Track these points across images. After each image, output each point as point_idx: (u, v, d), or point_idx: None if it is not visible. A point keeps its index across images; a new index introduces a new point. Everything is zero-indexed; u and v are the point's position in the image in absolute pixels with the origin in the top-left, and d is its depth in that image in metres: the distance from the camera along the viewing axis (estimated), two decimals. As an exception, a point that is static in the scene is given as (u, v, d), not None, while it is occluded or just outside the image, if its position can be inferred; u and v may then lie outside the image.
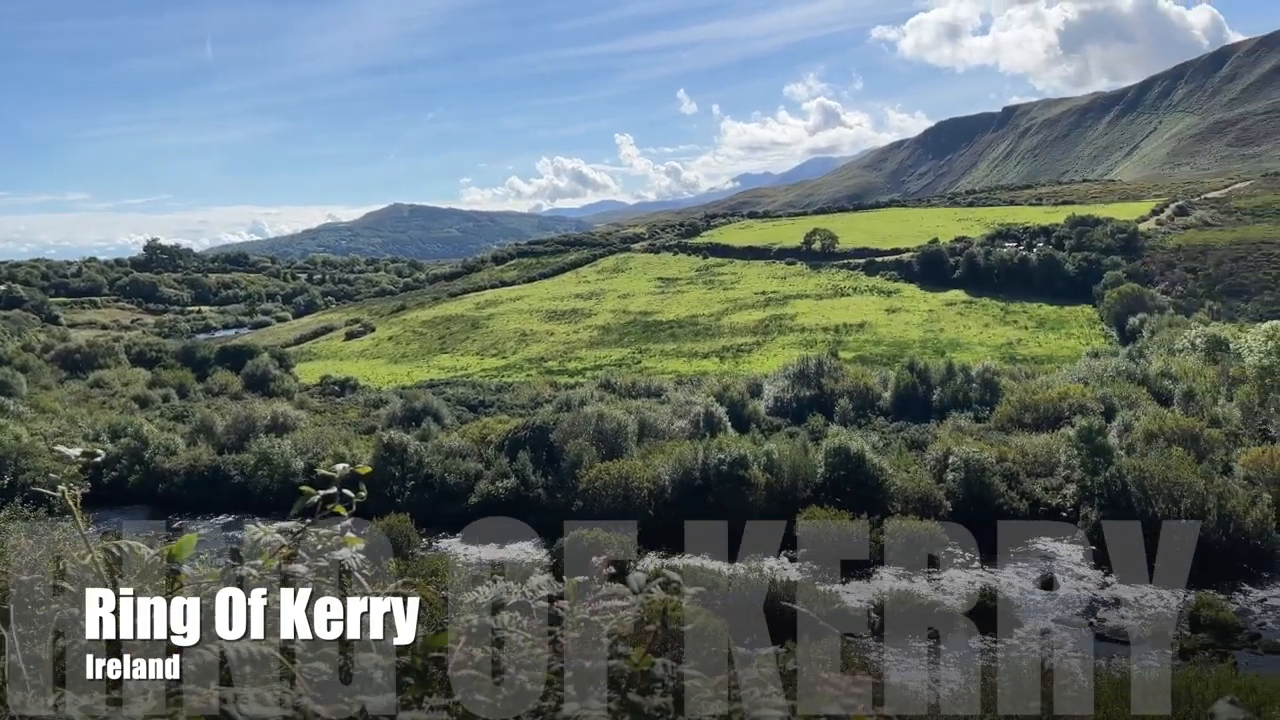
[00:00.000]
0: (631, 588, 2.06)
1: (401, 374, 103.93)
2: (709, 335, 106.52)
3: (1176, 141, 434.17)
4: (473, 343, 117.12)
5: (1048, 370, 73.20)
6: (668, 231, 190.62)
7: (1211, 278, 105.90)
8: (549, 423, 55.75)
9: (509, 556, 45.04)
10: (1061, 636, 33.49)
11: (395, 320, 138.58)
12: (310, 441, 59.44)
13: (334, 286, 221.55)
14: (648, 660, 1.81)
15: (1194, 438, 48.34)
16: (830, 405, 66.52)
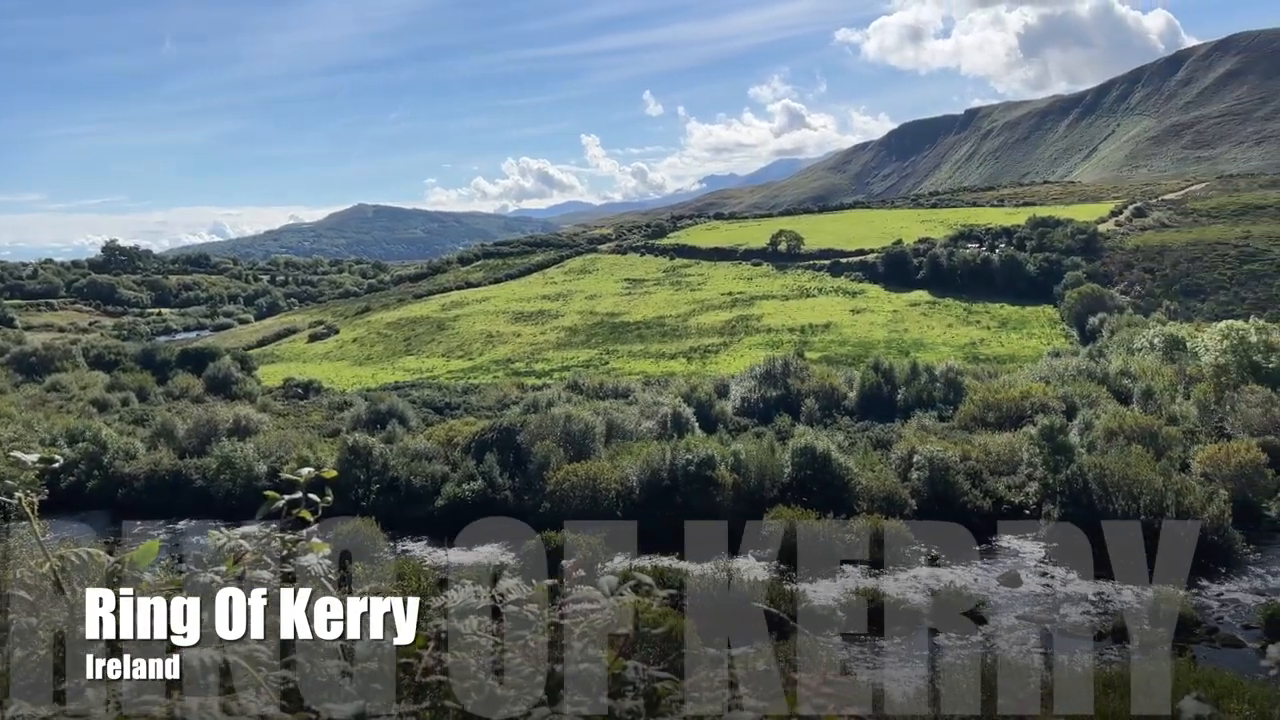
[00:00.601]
0: (603, 590, 2.05)
1: (366, 376, 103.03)
2: (676, 336, 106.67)
3: (1134, 144, 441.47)
4: (438, 344, 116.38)
5: (1010, 369, 74.13)
6: (635, 232, 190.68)
7: (1169, 278, 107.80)
8: (516, 424, 55.53)
9: (476, 560, 44.79)
10: (1025, 633, 33.91)
11: (360, 322, 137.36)
12: (274, 445, 58.73)
13: (297, 288, 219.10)
14: (619, 663, 1.80)
15: (1153, 435, 49.19)
16: (797, 405, 66.89)
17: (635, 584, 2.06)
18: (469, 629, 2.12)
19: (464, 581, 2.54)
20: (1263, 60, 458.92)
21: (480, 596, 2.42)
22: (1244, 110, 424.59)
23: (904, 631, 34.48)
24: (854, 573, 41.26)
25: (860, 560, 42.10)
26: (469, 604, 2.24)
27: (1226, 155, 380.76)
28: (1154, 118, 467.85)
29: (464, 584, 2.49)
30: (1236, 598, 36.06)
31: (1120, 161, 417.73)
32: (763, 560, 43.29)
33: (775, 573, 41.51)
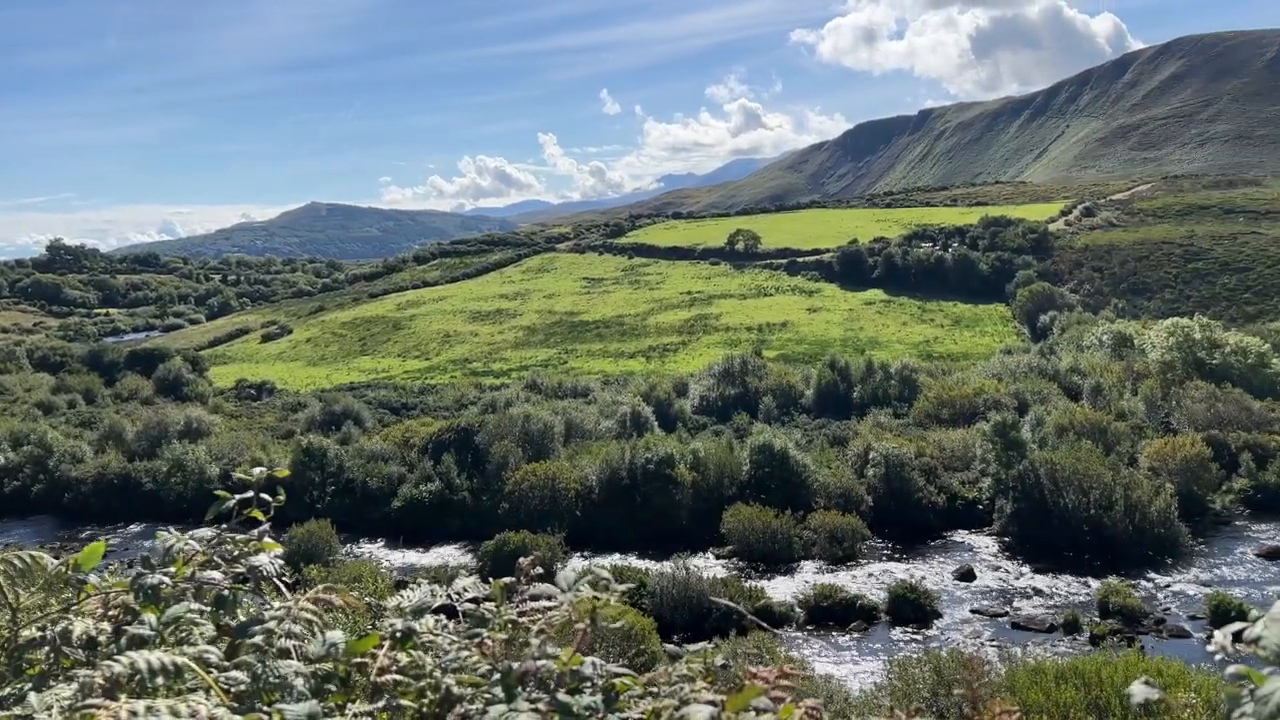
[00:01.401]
0: (560, 586, 2.04)
1: (320, 377, 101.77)
2: (635, 335, 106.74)
3: (1083, 145, 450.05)
4: (394, 344, 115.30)
5: (963, 367, 75.19)
6: (593, 231, 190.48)
7: (1117, 276, 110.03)
8: (474, 424, 55.20)
9: (435, 560, 44.45)
10: (979, 626, 34.41)
11: (314, 322, 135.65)
12: (226, 447, 57.81)
13: (249, 288, 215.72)
14: (576, 659, 1.79)
15: (1102, 431, 50.18)
16: (755, 403, 67.29)
17: (593, 579, 2.04)
18: (425, 628, 2.10)
19: (421, 580, 2.52)
20: (1206, 64, 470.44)
21: (437, 595, 2.40)
22: (1188, 112, 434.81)
23: (861, 626, 34.83)
24: (812, 568, 41.61)
25: (818, 556, 42.50)
26: (425, 602, 2.22)
27: (1171, 156, 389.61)
28: (1102, 119, 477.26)
29: (421, 583, 2.47)
30: (1183, 589, 36.89)
31: (1070, 162, 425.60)
32: (722, 557, 43.51)
33: (735, 569, 41.74)
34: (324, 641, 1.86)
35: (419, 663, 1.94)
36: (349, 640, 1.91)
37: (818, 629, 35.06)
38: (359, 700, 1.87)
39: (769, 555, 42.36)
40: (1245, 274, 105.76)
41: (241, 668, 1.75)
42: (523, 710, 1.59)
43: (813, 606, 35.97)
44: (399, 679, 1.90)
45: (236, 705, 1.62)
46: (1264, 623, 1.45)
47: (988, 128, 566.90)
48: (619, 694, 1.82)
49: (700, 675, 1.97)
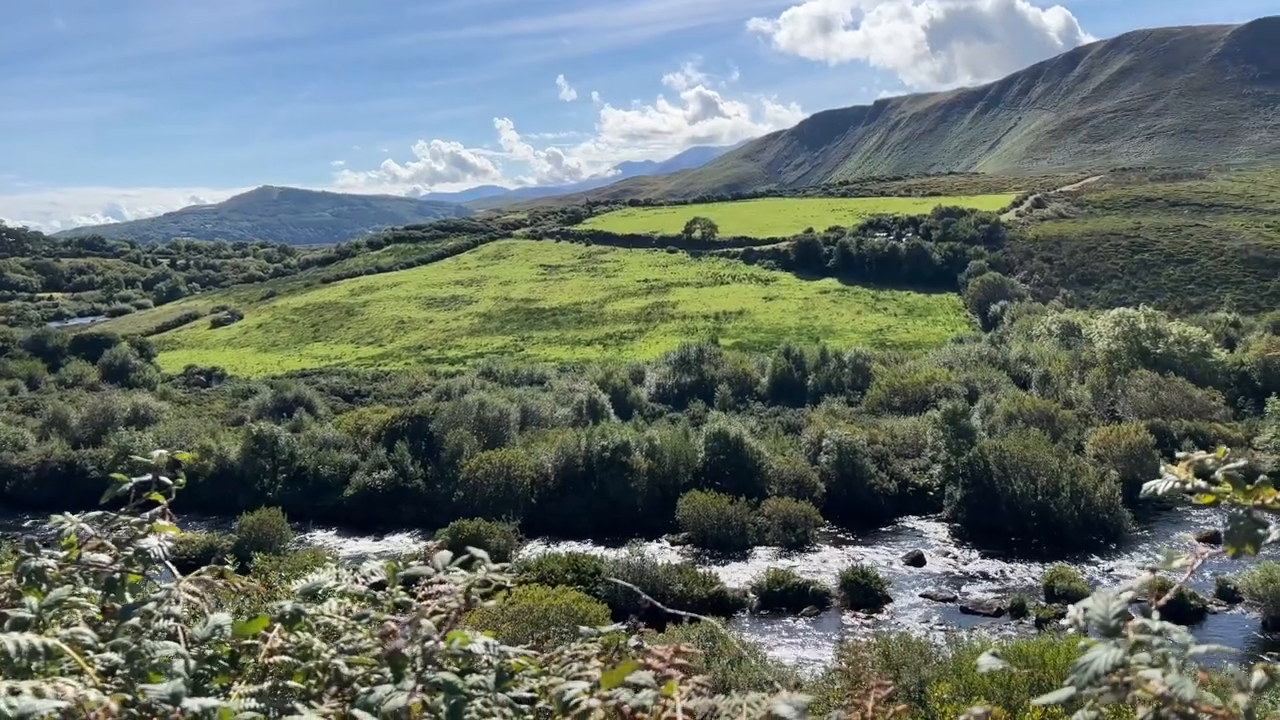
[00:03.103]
0: (435, 566, 2.02)
1: (272, 363, 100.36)
2: (592, 323, 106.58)
3: (1034, 137, 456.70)
4: (348, 330, 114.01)
5: (916, 355, 76.11)
6: (550, 218, 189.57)
7: (1065, 267, 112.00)
8: (428, 412, 54.82)
9: (387, 549, 44.13)
10: (928, 611, 34.97)
11: (265, 307, 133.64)
12: (174, 434, 56.83)
13: (199, 272, 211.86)
14: (464, 638, 1.79)
15: (1049, 419, 51.15)
16: (711, 391, 67.60)
17: (468, 559, 2.04)
18: (317, 610, 2.07)
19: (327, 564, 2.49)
20: (1154, 59, 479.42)
21: (343, 579, 2.37)
22: (1136, 106, 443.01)
23: (813, 611, 35.23)
24: (766, 554, 41.99)
25: (772, 542, 42.89)
26: (317, 584, 2.20)
27: (1120, 149, 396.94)
28: (1053, 112, 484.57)
29: (328, 566, 2.44)
30: (1126, 573, 37.79)
31: (1021, 154, 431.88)
32: (677, 544, 43.73)
33: (690, 555, 41.98)
34: (210, 623, 1.83)
35: (308, 644, 1.93)
36: (237, 622, 1.88)
37: (771, 614, 35.40)
38: (247, 681, 1.85)
39: (724, 542, 42.66)
40: (1189, 265, 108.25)
41: (118, 650, 1.72)
42: (407, 689, 1.58)
43: (766, 592, 36.31)
44: (288, 660, 1.88)
45: (111, 687, 1.59)
46: (1093, 596, 1.50)
47: (942, 119, 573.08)
48: (514, 673, 1.82)
49: (598, 655, 1.98)
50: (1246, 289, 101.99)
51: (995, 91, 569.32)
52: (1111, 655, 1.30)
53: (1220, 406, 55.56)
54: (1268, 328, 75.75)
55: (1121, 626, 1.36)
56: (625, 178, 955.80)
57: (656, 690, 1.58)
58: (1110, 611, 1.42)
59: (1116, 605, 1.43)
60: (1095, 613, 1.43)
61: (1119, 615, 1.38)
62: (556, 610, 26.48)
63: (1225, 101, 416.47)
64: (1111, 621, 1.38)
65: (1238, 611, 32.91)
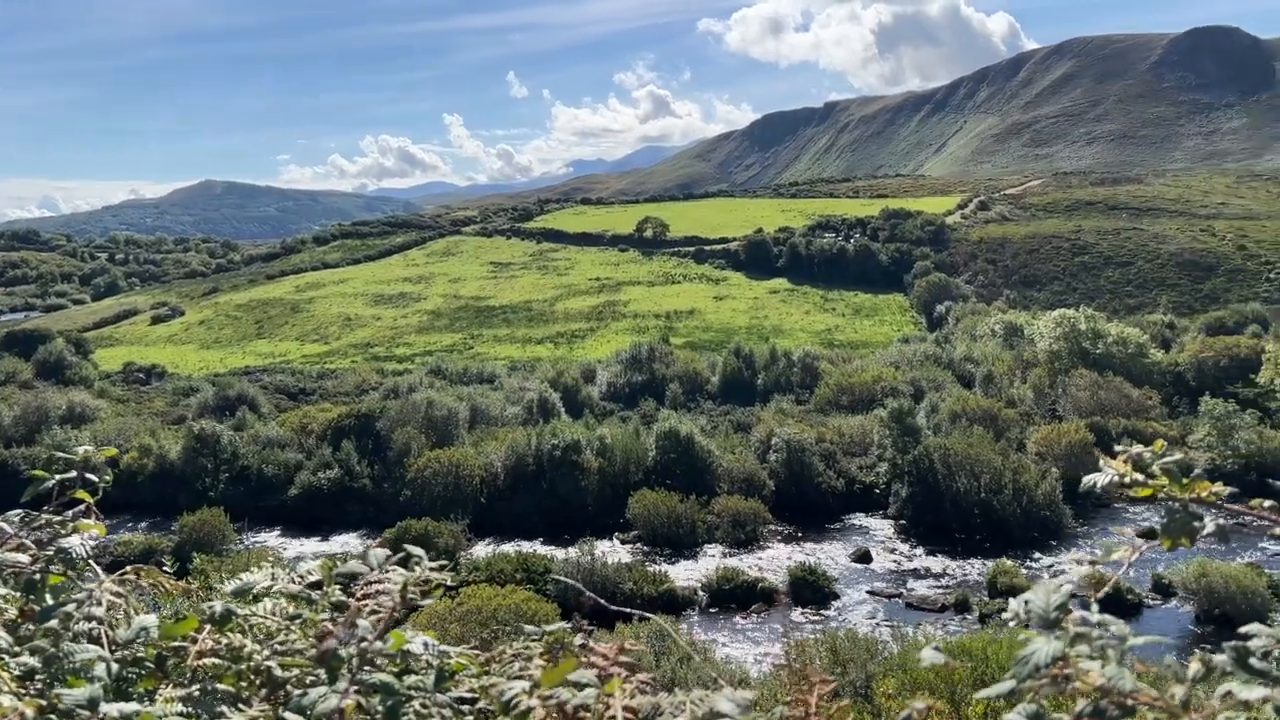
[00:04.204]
0: (370, 564, 1.97)
1: (214, 360, 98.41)
2: (543, 321, 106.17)
3: (979, 140, 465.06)
4: (293, 328, 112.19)
5: (863, 355, 77.00)
6: (500, 215, 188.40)
7: (1009, 269, 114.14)
8: (375, 410, 54.18)
9: (332, 549, 43.52)
10: (875, 607, 35.41)
11: (207, 303, 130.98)
12: (112, 433, 55.46)
13: (139, 267, 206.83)
14: (401, 639, 1.74)
15: (993, 418, 52.07)
16: (661, 390, 67.74)
17: (405, 558, 1.99)
18: (249, 610, 2.01)
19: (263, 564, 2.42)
20: (1094, 65, 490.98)
21: (277, 579, 2.30)
22: (1077, 111, 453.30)
23: (762, 608, 35.47)
24: (715, 552, 42.19)
25: (721, 540, 43.10)
26: (250, 584, 2.13)
27: (1061, 154, 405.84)
28: (998, 116, 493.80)
29: (264, 565, 2.38)
30: (1066, 569, 38.51)
31: (967, 157, 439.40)
32: (628, 542, 43.75)
33: (640, 554, 42.01)
34: (135, 625, 1.76)
35: (240, 646, 1.86)
36: (164, 623, 1.81)
37: (721, 611, 35.57)
38: (174, 684, 1.78)
39: (674, 540, 42.76)
40: (1127, 268, 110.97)
41: (35, 653, 1.64)
42: (341, 690, 1.54)
43: (715, 589, 36.48)
44: (218, 662, 1.82)
45: (27, 692, 1.52)
46: (1034, 589, 1.51)
47: (890, 121, 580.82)
48: (454, 673, 1.78)
49: (540, 653, 1.95)
50: (1181, 291, 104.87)
51: (942, 95, 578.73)
52: (1052, 648, 1.30)
53: (1156, 405, 57.01)
54: (1201, 329, 78.00)
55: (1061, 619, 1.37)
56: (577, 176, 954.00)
57: (598, 688, 1.55)
58: (1051, 604, 1.43)
59: (1057, 598, 1.44)
60: (1036, 606, 1.44)
61: (1059, 608, 1.39)
62: (505, 610, 26.32)
63: (1162, 108, 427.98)
64: (1052, 614, 1.38)
65: (1172, 605, 33.82)
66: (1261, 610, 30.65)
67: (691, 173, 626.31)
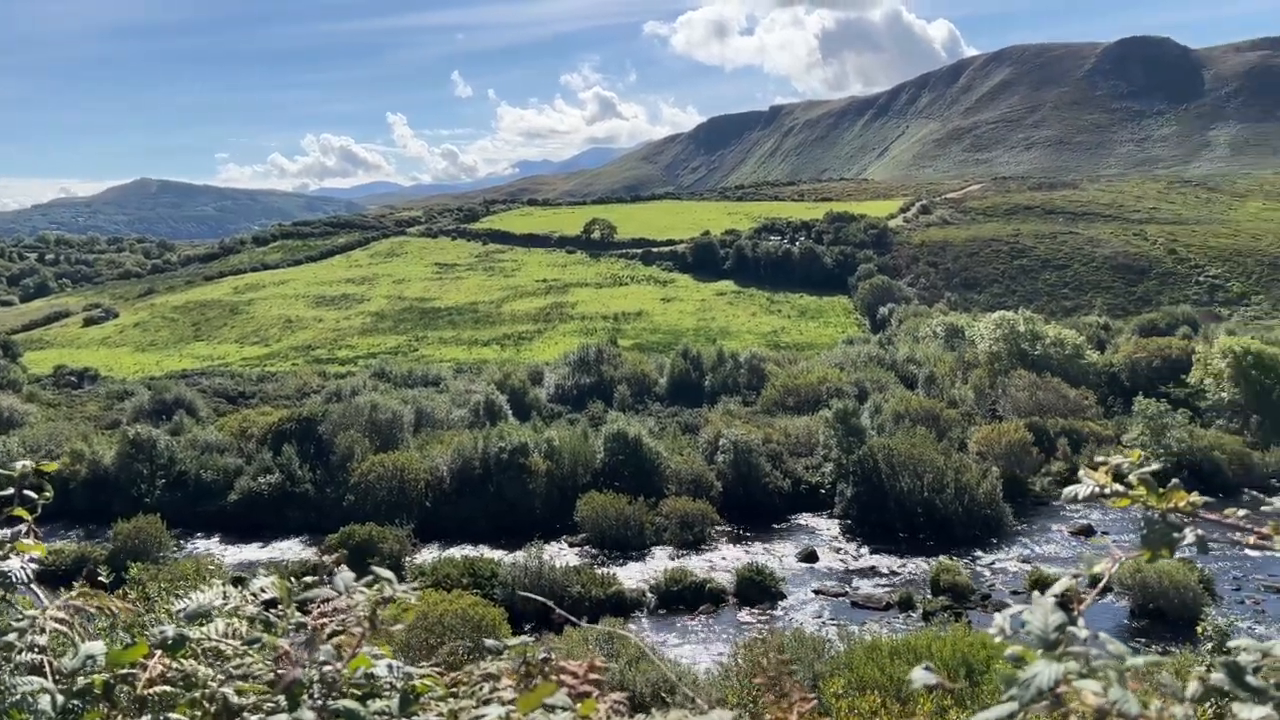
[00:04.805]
0: (336, 588, 1.90)
1: (150, 363, 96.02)
2: (489, 322, 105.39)
3: (921, 145, 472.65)
4: (231, 330, 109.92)
5: (809, 356, 77.74)
6: (446, 216, 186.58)
7: (950, 271, 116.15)
8: (317, 414, 53.29)
9: (274, 556, 42.69)
10: (821, 606, 35.72)
11: (143, 305, 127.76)
12: (42, 438, 53.79)
13: (70, 268, 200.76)
14: (366, 661, 1.67)
15: (935, 418, 52.91)
16: (610, 392, 67.65)
17: (371, 579, 1.91)
18: (202, 634, 1.91)
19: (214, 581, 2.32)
20: (1031, 73, 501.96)
21: (230, 598, 2.20)
22: (1016, 117, 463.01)
23: (710, 609, 35.58)
24: (664, 554, 42.22)
25: (670, 541, 43.16)
26: (205, 606, 2.03)
27: (1000, 159, 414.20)
28: (939, 121, 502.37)
29: (214, 584, 2.27)
30: (1006, 566, 39.36)
31: (909, 161, 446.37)
32: (576, 545, 43.58)
33: (588, 556, 41.88)
34: (81, 653, 1.67)
35: (193, 672, 1.77)
36: (111, 650, 1.72)
37: (669, 613, 35.60)
38: (124, 715, 1.69)
39: (622, 542, 42.70)
40: (1064, 271, 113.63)
41: (-28, 687, 1.54)
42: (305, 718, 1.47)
43: (664, 591, 36.50)
44: (171, 690, 1.73)
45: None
46: (1031, 609, 1.49)
47: (834, 126, 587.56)
48: (419, 695, 1.72)
49: (509, 673, 1.89)
50: (1115, 294, 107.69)
51: (884, 100, 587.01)
52: (1054, 670, 1.27)
53: (1092, 405, 58.42)
54: (1134, 330, 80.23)
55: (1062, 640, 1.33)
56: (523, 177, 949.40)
57: (574, 710, 1.50)
58: (1050, 624, 1.40)
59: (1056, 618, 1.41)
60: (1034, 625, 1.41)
61: (1059, 628, 1.36)
62: (452, 615, 26.00)
63: (1096, 115, 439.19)
64: (1051, 635, 1.35)
65: (1108, 600, 34.63)
66: (1193, 605, 31.56)
67: (638, 175, 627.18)
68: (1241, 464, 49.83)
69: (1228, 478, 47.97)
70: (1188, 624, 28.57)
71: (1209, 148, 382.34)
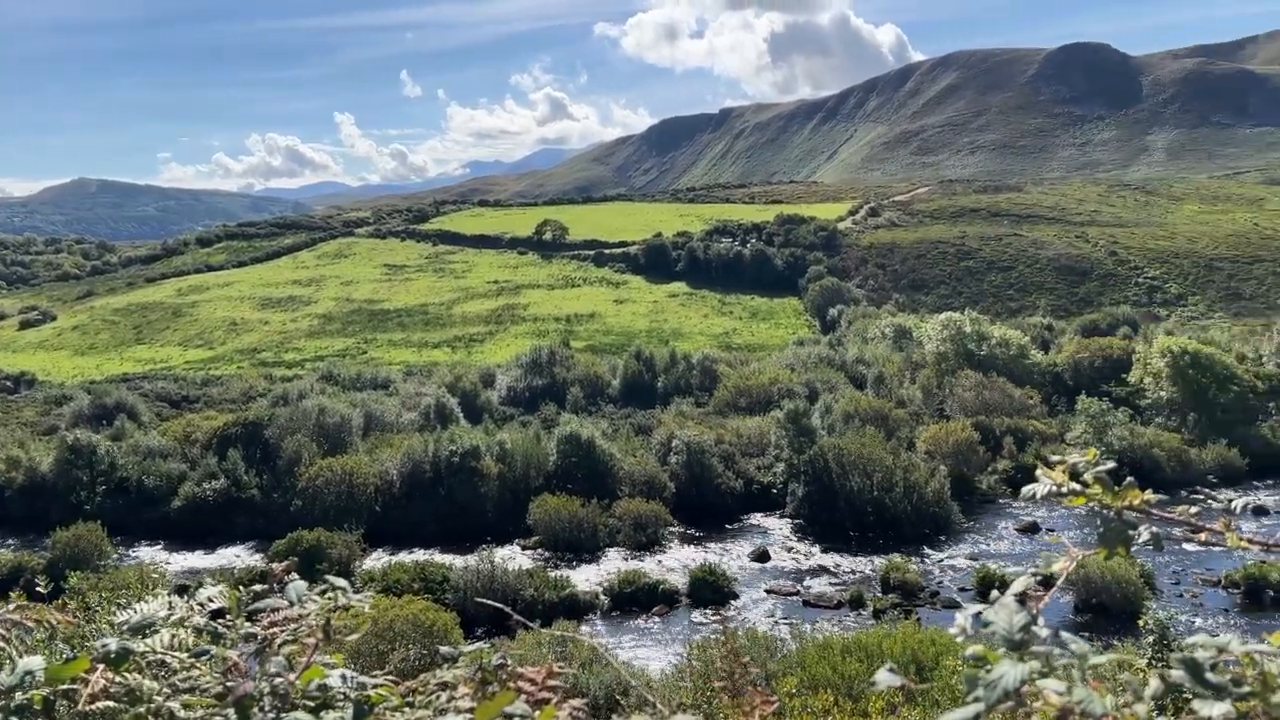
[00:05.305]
0: (289, 598, 1.85)
1: (90, 367, 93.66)
2: (440, 324, 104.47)
3: (869, 148, 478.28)
4: (175, 332, 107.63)
5: (760, 357, 78.25)
6: (395, 217, 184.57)
7: (898, 273, 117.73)
8: (264, 418, 52.40)
9: (219, 563, 41.88)
10: (774, 605, 35.96)
11: (82, 307, 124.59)
12: (-24, 445, 52.16)
13: (5, 269, 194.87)
14: (319, 672, 1.63)
15: (884, 418, 53.57)
16: (562, 394, 67.43)
17: (325, 589, 1.87)
18: (146, 646, 1.85)
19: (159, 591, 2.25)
20: (977, 78, 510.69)
21: (176, 608, 2.14)
22: (962, 121, 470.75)
23: (663, 610, 35.63)
24: (617, 555, 42.20)
25: (623, 543, 43.15)
26: (149, 618, 1.96)
27: (947, 162, 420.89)
28: (886, 125, 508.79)
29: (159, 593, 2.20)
30: (955, 563, 39.97)
31: (858, 164, 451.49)
32: (529, 548, 43.36)
33: (541, 559, 41.70)
34: (18, 668, 1.60)
35: (137, 686, 1.71)
36: (51, 665, 1.65)
37: (623, 614, 35.59)
38: (63, 733, 1.63)
39: (575, 544, 42.59)
40: (1009, 272, 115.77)
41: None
42: (255, 734, 1.42)
43: (617, 593, 36.48)
44: (114, 706, 1.67)
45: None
46: (995, 609, 1.49)
47: (783, 129, 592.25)
48: (374, 706, 1.68)
49: (465, 680, 1.85)
50: (1059, 295, 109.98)
51: (833, 104, 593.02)
52: (1020, 671, 1.27)
53: (1037, 404, 59.57)
54: (1077, 331, 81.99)
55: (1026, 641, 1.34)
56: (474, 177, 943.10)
57: (533, 718, 1.48)
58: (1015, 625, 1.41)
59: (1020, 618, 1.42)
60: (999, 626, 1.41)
61: (1023, 629, 1.36)
62: (404, 622, 25.71)
63: (1040, 120, 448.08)
64: (1016, 635, 1.35)
65: (1053, 594, 35.31)
66: (1135, 599, 32.32)
67: (590, 176, 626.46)
68: (1180, 461, 51.18)
69: (1166, 474, 49.25)
70: (1130, 617, 29.24)
71: (1147, 152, 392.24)
